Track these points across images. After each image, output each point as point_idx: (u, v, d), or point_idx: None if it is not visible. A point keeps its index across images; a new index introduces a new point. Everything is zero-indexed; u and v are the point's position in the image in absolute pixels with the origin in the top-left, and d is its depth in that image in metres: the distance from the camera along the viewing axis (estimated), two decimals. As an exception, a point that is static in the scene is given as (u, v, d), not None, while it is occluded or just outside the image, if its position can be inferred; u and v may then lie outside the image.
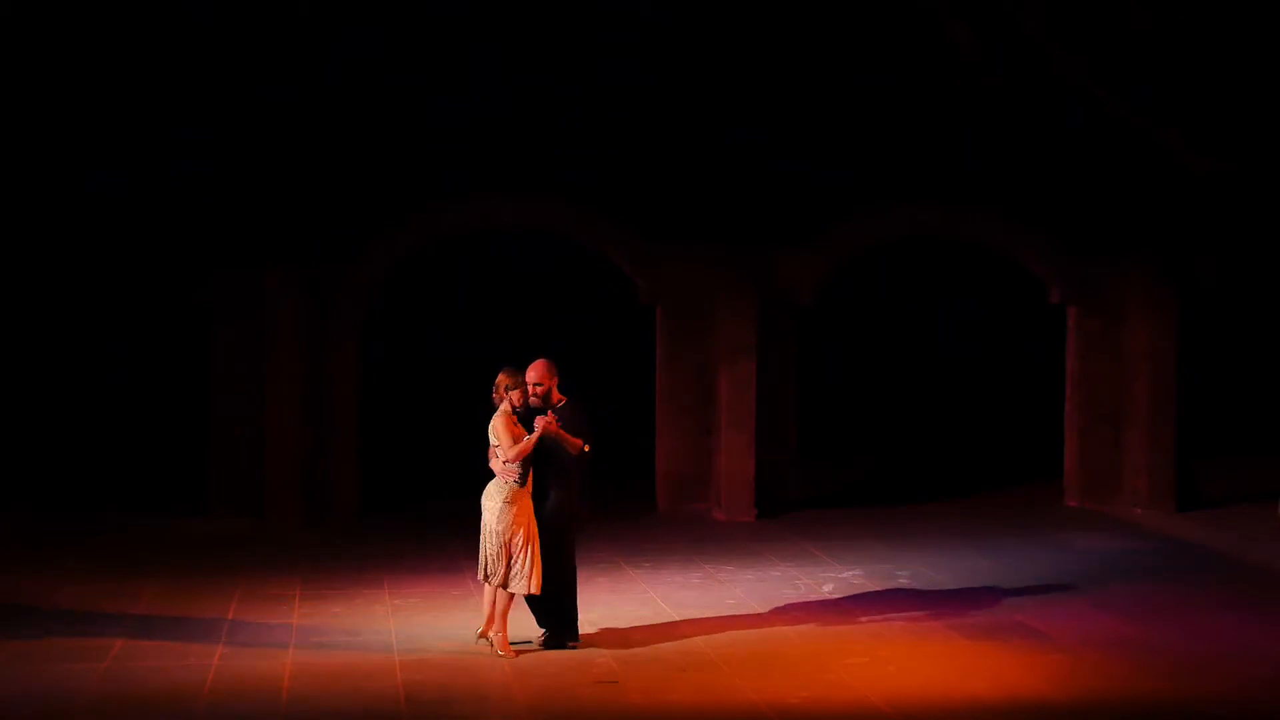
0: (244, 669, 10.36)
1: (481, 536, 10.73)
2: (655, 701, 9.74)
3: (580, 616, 11.59)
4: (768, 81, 16.15)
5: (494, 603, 10.74)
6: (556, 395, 10.96)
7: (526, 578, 10.63)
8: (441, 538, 14.99)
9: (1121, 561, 14.21)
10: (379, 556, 14.11)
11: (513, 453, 10.59)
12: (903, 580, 13.20)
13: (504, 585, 10.64)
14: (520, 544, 10.62)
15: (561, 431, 10.76)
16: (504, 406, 10.74)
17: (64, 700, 9.67)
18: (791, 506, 16.60)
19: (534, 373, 10.89)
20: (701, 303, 16.48)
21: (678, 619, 11.76)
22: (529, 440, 10.62)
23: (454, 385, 20.15)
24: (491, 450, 10.78)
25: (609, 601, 12.29)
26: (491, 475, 10.78)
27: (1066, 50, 14.28)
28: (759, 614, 11.95)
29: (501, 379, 10.76)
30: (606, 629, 11.40)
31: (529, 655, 10.71)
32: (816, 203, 16.54)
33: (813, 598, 12.54)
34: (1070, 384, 17.14)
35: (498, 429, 10.66)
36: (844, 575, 13.41)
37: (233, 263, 15.86)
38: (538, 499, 10.80)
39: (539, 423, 10.69)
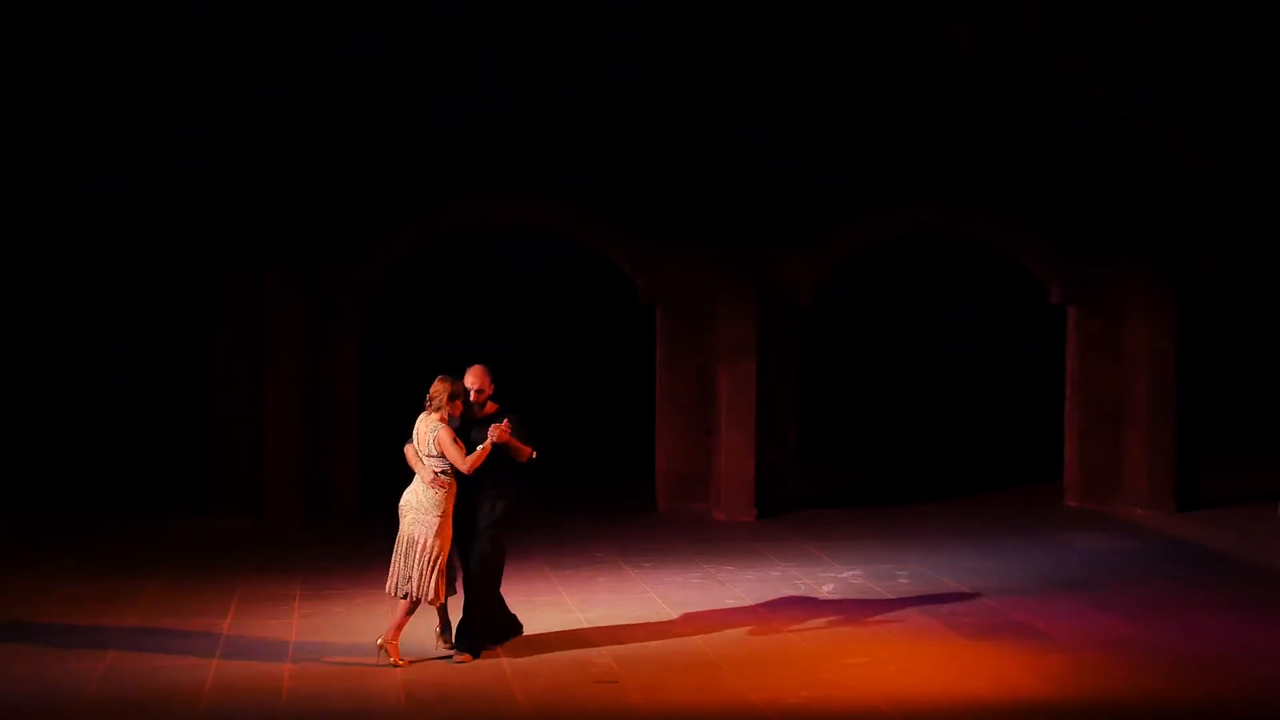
0: (244, 669, 10.37)
1: (402, 550, 10.52)
2: (655, 701, 9.74)
3: (580, 616, 11.64)
4: (768, 81, 16.15)
5: (407, 614, 10.53)
6: (491, 405, 10.79)
7: (439, 584, 10.47)
8: (441, 538, 14.98)
9: (1122, 561, 14.21)
10: (379, 556, 14.00)
11: (467, 464, 10.41)
12: (903, 580, 13.20)
13: (421, 595, 10.43)
14: (439, 554, 10.47)
15: (513, 440, 10.59)
16: (439, 416, 10.51)
17: (64, 700, 9.67)
18: (791, 506, 16.60)
19: (478, 379, 10.71)
20: (701, 303, 16.48)
21: (677, 619, 11.77)
22: (482, 450, 10.46)
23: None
24: (415, 455, 10.57)
25: (609, 601, 12.29)
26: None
27: (1066, 50, 14.28)
28: (759, 614, 11.95)
29: (444, 388, 10.52)
30: (606, 629, 11.40)
31: (529, 655, 10.70)
32: (816, 203, 16.54)
33: (813, 598, 12.54)
34: (1070, 384, 17.14)
35: (444, 441, 10.42)
36: (844, 575, 13.41)
37: (233, 263, 15.87)
38: (477, 507, 10.65)
39: (494, 431, 10.47)
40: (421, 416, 10.60)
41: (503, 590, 10.98)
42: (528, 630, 11.23)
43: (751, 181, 16.35)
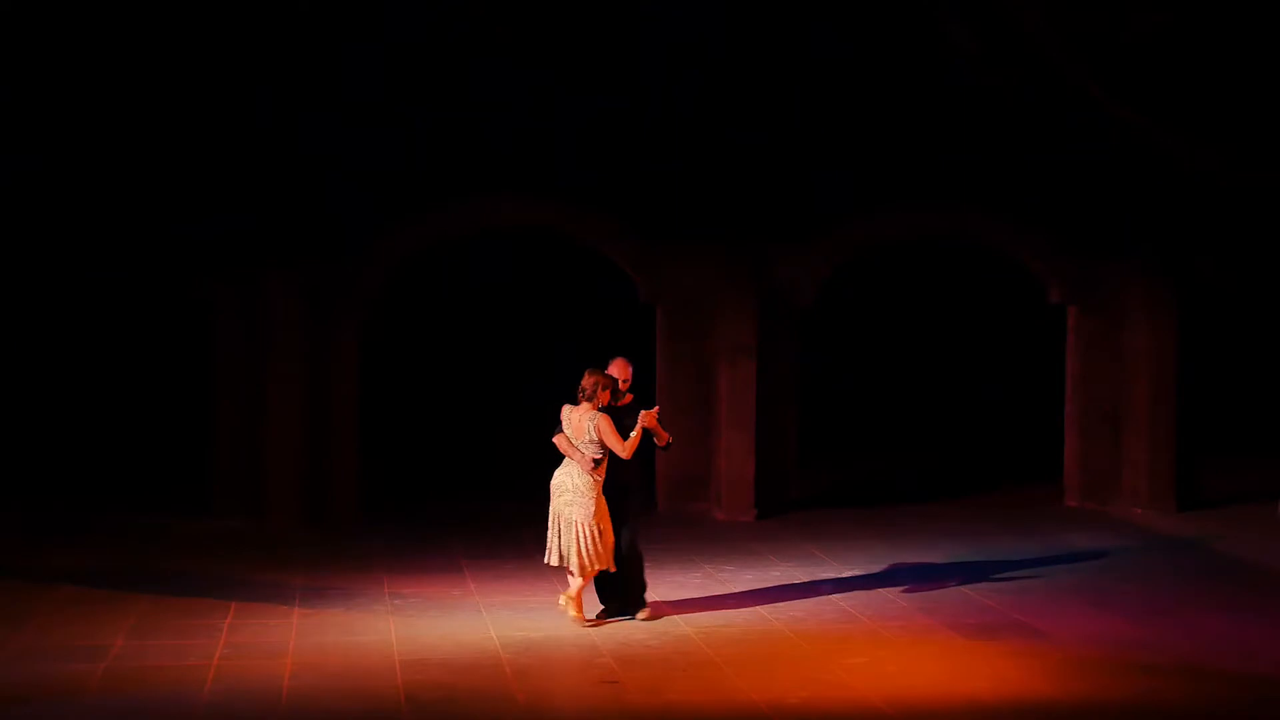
0: (244, 669, 10.37)
1: (562, 527, 11.33)
2: (655, 701, 9.74)
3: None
4: (767, 81, 16.15)
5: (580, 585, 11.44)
6: (628, 395, 11.67)
7: (609, 555, 11.34)
8: (442, 537, 15.00)
9: (1122, 561, 14.21)
10: (379, 556, 14.12)
11: (626, 448, 11.29)
12: (903, 580, 13.20)
13: (591, 566, 11.30)
14: (603, 531, 11.33)
15: (658, 426, 11.49)
16: (591, 406, 11.35)
17: (64, 700, 9.67)
18: (791, 506, 16.60)
19: (622, 370, 11.61)
20: (701, 303, 16.48)
21: (678, 619, 11.77)
22: (636, 435, 11.32)
23: (453, 385, 20.24)
24: (569, 444, 11.34)
25: (609, 601, 12.30)
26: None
27: (1066, 50, 14.28)
28: (759, 614, 11.95)
29: (597, 379, 11.38)
30: (607, 629, 11.40)
31: (529, 655, 10.71)
32: (816, 203, 16.54)
33: (813, 598, 12.53)
34: (1070, 384, 17.14)
35: (605, 429, 11.27)
36: (844, 575, 13.41)
37: (233, 263, 15.87)
38: (619, 488, 11.48)
39: (644, 416, 11.37)
40: (571, 408, 11.44)
41: (503, 588, 11.28)
42: (526, 630, 11.31)
43: (751, 181, 16.35)
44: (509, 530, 15.37)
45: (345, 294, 16.07)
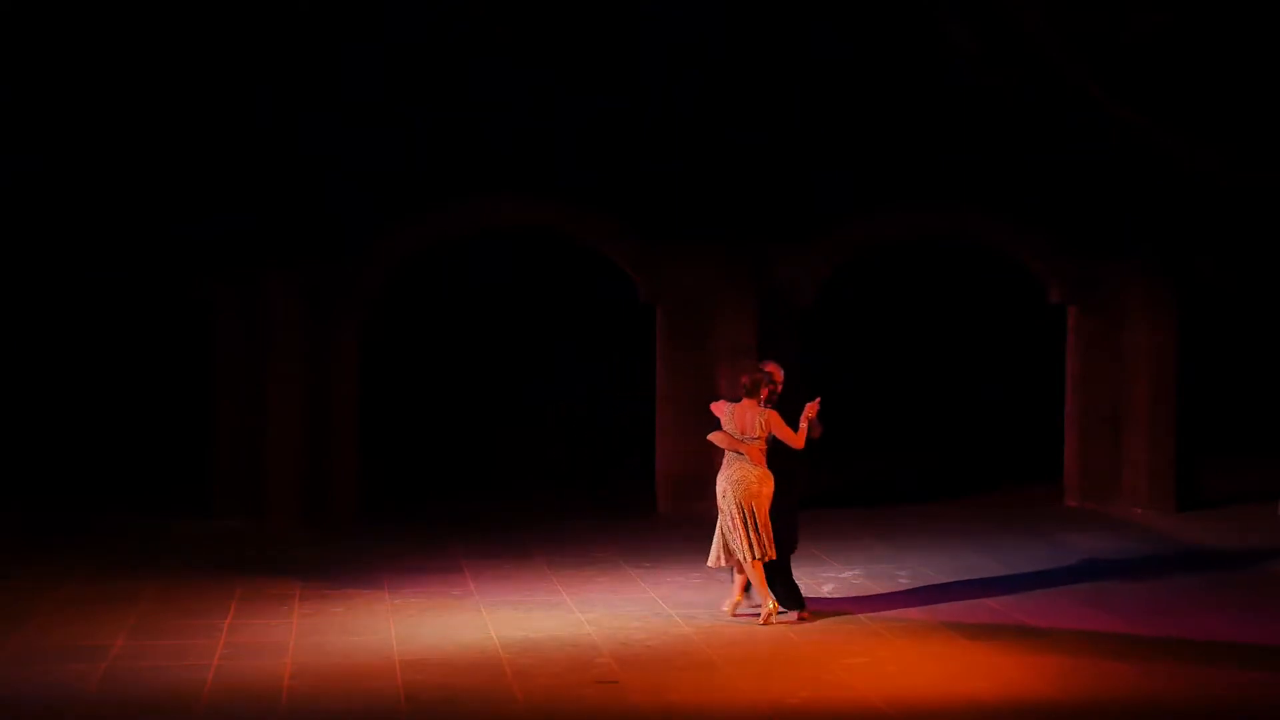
0: (244, 669, 10.36)
1: (738, 520, 11.61)
2: (655, 701, 9.73)
3: (580, 616, 11.67)
4: (768, 81, 16.15)
5: (747, 577, 11.71)
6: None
7: (773, 544, 11.64)
8: (442, 537, 15.00)
9: (1122, 561, 14.21)
10: (379, 556, 14.12)
11: (799, 439, 11.68)
12: (903, 580, 13.20)
13: (763, 556, 11.57)
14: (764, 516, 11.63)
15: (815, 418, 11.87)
16: (752, 401, 11.73)
17: (64, 700, 9.67)
18: (791, 506, 16.58)
19: (777, 372, 11.94)
20: (701, 303, 16.48)
21: (678, 619, 11.77)
22: (804, 427, 11.74)
23: (453, 385, 20.22)
24: (731, 439, 11.70)
25: (609, 601, 12.30)
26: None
27: (1066, 50, 14.28)
28: (759, 614, 11.94)
29: (759, 377, 11.78)
30: (606, 629, 11.40)
31: (529, 656, 10.70)
32: (816, 203, 16.54)
33: (813, 598, 12.52)
34: (1070, 384, 17.14)
35: (775, 422, 11.67)
36: (844, 575, 13.42)
37: (233, 262, 15.87)
38: (786, 475, 11.82)
39: (810, 409, 11.77)
40: (730, 404, 11.87)
41: (503, 588, 11.30)
42: (526, 630, 11.30)
43: (751, 181, 16.35)
44: (509, 530, 15.38)
45: (345, 294, 16.08)
